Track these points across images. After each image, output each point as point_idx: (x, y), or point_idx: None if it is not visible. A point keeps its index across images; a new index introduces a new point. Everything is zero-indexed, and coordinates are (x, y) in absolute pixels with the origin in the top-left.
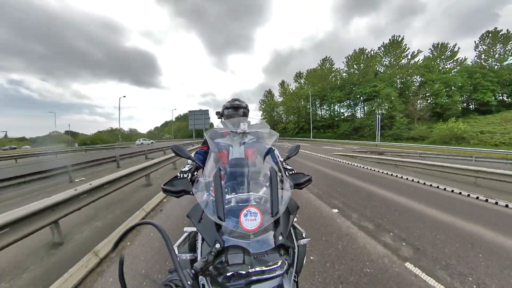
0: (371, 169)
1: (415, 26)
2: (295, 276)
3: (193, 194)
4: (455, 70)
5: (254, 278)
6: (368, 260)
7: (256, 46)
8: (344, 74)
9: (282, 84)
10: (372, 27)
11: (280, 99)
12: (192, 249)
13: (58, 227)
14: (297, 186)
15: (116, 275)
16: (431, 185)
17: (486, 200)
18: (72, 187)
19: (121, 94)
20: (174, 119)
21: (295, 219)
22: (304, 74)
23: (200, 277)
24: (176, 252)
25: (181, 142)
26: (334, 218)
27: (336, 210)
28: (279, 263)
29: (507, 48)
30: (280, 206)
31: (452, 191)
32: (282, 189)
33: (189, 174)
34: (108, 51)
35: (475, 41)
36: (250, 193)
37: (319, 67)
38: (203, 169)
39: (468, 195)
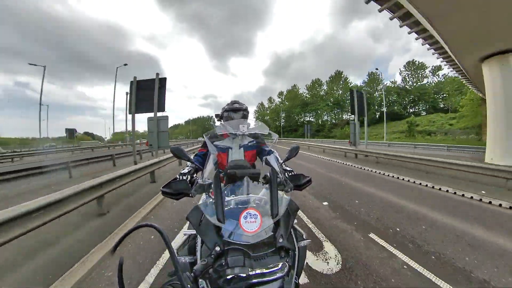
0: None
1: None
2: (295, 278)
3: (192, 196)
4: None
5: (254, 280)
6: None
7: (256, 50)
8: (307, 96)
9: (270, 99)
10: (371, 29)
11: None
12: (192, 252)
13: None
14: (297, 187)
15: (116, 278)
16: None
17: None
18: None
19: (124, 96)
20: (184, 123)
21: (295, 221)
22: (284, 92)
23: (200, 280)
24: (176, 255)
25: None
26: None
27: None
28: (280, 265)
29: (423, 73)
30: (280, 207)
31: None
32: (282, 190)
33: (189, 176)
34: (112, 55)
35: (399, 69)
36: (249, 195)
37: (292, 89)
38: (202, 171)
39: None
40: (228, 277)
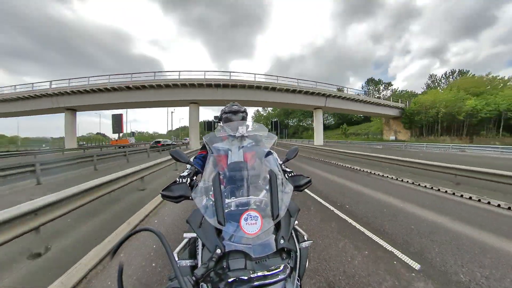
0: None
1: (413, 29)
2: (298, 280)
3: (192, 199)
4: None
5: (256, 283)
6: None
7: (257, 52)
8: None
9: (264, 108)
10: (370, 32)
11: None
12: (193, 255)
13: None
14: (297, 188)
15: (115, 284)
16: None
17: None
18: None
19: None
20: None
21: (296, 222)
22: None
23: (201, 283)
24: (176, 259)
25: None
26: None
27: None
28: (282, 267)
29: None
30: (281, 209)
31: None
32: (282, 191)
33: (188, 179)
34: (116, 58)
35: (362, 85)
36: (250, 197)
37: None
38: (202, 174)
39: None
40: (230, 280)
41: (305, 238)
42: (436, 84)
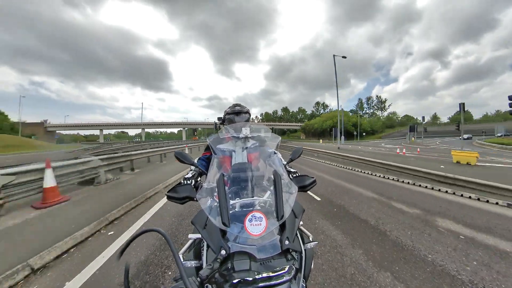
0: None
1: (414, 32)
2: (303, 281)
3: (197, 200)
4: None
5: (261, 284)
6: None
7: (259, 56)
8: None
9: (256, 117)
10: (369, 35)
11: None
12: (197, 256)
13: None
14: (302, 188)
15: (122, 284)
16: None
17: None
18: None
19: (132, 96)
20: (200, 128)
21: (301, 222)
22: (263, 113)
23: (206, 284)
24: (181, 260)
25: None
26: None
27: None
28: (287, 268)
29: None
30: (285, 209)
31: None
32: (287, 192)
33: (193, 181)
34: (123, 59)
35: (313, 105)
36: (254, 198)
37: (266, 112)
38: (206, 175)
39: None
40: (234, 281)
41: (310, 239)
42: (360, 106)
